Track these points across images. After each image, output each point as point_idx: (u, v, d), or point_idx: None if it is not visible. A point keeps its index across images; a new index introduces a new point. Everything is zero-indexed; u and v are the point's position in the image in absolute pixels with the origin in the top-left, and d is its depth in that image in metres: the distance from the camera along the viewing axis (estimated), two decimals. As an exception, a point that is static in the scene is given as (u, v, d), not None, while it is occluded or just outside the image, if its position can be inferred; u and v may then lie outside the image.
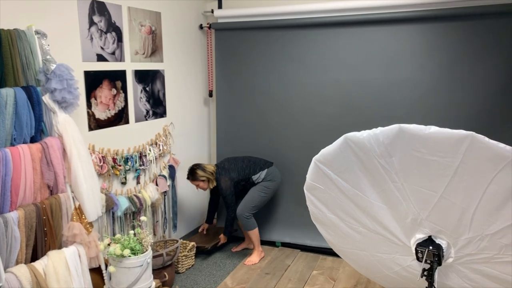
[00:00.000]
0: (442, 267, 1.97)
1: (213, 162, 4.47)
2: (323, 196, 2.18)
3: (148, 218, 3.49)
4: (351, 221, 2.16)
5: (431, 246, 1.92)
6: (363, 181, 1.98)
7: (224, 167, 3.71)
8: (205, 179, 3.66)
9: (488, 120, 3.34)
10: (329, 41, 3.76)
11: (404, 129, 1.69)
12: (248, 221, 3.70)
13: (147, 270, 2.67)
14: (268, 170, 3.76)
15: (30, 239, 2.31)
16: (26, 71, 2.39)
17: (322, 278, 3.43)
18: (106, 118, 3.12)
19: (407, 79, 3.54)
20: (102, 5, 3.03)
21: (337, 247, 2.47)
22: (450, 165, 1.65)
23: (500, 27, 3.23)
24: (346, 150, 1.92)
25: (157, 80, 3.64)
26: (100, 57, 3.04)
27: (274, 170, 3.82)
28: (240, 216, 3.69)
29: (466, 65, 3.37)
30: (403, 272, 2.20)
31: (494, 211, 1.66)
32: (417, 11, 3.43)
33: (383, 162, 1.82)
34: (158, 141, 3.65)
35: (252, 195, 3.71)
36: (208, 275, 3.55)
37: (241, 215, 3.68)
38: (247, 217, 3.70)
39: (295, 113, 3.95)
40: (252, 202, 3.70)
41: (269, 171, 3.77)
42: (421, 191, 1.80)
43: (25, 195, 2.29)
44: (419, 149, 1.69)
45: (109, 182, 3.14)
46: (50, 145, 2.42)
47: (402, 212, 1.94)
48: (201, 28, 4.23)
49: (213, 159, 4.45)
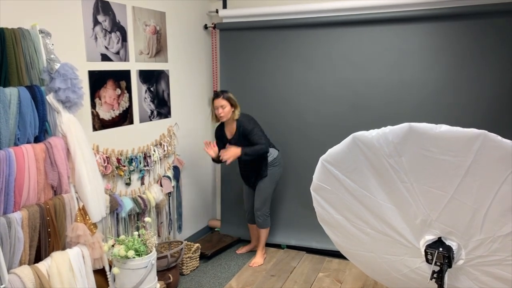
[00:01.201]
0: (452, 269, 1.93)
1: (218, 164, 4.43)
2: (330, 197, 2.14)
3: (153, 219, 3.46)
4: (358, 222, 2.13)
5: (441, 247, 1.88)
6: (372, 182, 1.94)
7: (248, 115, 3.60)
8: (233, 103, 3.46)
9: (496, 120, 3.29)
10: (335, 41, 3.73)
11: (414, 128, 1.66)
12: (267, 218, 3.73)
13: (151, 271, 2.64)
14: (279, 153, 3.70)
15: (34, 240, 2.28)
16: (30, 70, 2.37)
17: (328, 280, 3.39)
18: (110, 118, 3.09)
19: (414, 79, 3.50)
20: (107, 5, 3.01)
21: (344, 249, 2.43)
22: (461, 165, 1.61)
23: (508, 26, 3.19)
24: (354, 149, 1.88)
25: (161, 80, 3.62)
26: (105, 57, 3.02)
27: (280, 155, 3.73)
28: (262, 213, 3.68)
29: (474, 64, 3.33)
30: (412, 274, 2.16)
31: (507, 212, 1.62)
32: (424, 9, 3.39)
33: (392, 161, 1.78)
34: (163, 142, 3.62)
35: (265, 188, 3.65)
36: (213, 277, 3.51)
37: (262, 211, 3.67)
38: (266, 214, 3.72)
39: (301, 113, 3.91)
40: (269, 196, 3.70)
41: (279, 154, 3.70)
42: (431, 192, 1.76)
43: (29, 195, 2.27)
44: (430, 148, 1.65)
45: (113, 182, 3.12)
46: (54, 145, 2.40)
47: (411, 213, 1.90)
48: (205, 28, 4.20)
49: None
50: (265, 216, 3.69)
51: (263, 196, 3.66)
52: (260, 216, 3.69)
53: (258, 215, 3.69)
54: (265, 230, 3.75)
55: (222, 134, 3.64)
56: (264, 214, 3.69)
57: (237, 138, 3.52)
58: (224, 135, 3.62)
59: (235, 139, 3.53)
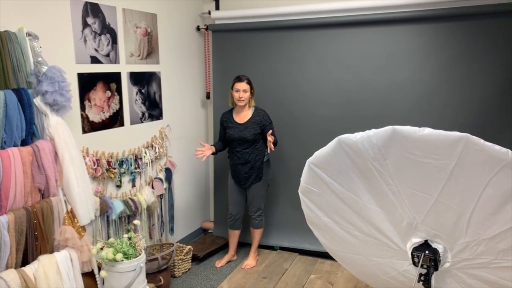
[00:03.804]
0: (439, 272, 1.93)
1: (210, 165, 4.44)
2: (318, 199, 2.14)
3: (144, 222, 3.45)
4: (346, 225, 2.12)
5: (427, 250, 1.87)
6: (358, 184, 1.93)
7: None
8: (253, 91, 3.55)
9: (487, 121, 3.29)
10: (326, 42, 3.72)
11: (397, 131, 1.65)
12: (263, 218, 3.75)
13: (140, 274, 2.63)
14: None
15: (21, 244, 2.27)
16: (17, 73, 2.36)
17: (320, 282, 3.38)
18: (100, 121, 3.08)
19: (405, 80, 3.50)
20: (96, 7, 3.00)
21: (333, 251, 2.42)
22: (445, 168, 1.61)
23: (498, 27, 3.19)
24: (339, 152, 1.88)
25: (153, 82, 3.61)
26: (94, 59, 3.01)
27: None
28: (260, 213, 3.69)
29: (465, 65, 3.32)
30: (400, 277, 2.16)
31: (491, 215, 1.62)
32: (415, 11, 3.39)
33: (377, 164, 1.78)
34: (154, 144, 3.61)
35: (259, 189, 3.65)
36: (205, 279, 3.50)
37: (260, 211, 3.69)
38: (263, 214, 3.74)
39: (293, 115, 3.91)
40: (264, 196, 3.71)
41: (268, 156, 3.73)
42: (416, 194, 1.76)
43: (16, 199, 2.26)
44: (413, 152, 1.65)
45: (104, 185, 3.11)
46: (41, 148, 2.39)
47: (398, 216, 1.90)
48: (198, 30, 4.20)
49: (211, 162, 4.41)
50: (262, 216, 3.72)
51: (260, 196, 3.67)
52: (258, 217, 3.69)
53: (256, 216, 3.69)
54: (261, 230, 3.75)
55: (230, 119, 3.63)
56: (261, 214, 3.72)
57: (249, 125, 3.54)
58: (233, 120, 3.61)
59: (245, 125, 3.55)
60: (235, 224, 3.77)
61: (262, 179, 3.63)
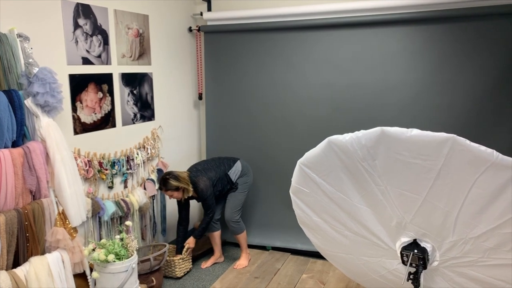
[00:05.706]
0: (428, 271, 1.96)
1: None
2: (309, 199, 2.16)
3: (136, 223, 3.45)
4: (336, 224, 2.15)
5: (416, 249, 1.90)
6: (347, 185, 1.96)
7: (198, 169, 3.54)
8: (179, 188, 3.35)
9: (478, 121, 3.33)
10: (318, 44, 3.75)
11: (386, 132, 1.68)
12: (238, 224, 3.69)
13: (132, 275, 2.64)
14: (241, 161, 3.72)
15: (12, 245, 2.27)
16: (7, 74, 2.35)
17: (312, 281, 3.40)
18: (92, 122, 3.08)
19: (397, 81, 3.53)
20: (87, 8, 3.00)
21: (324, 251, 2.45)
22: (432, 168, 1.64)
23: (489, 29, 3.23)
24: (329, 153, 1.90)
25: (145, 83, 3.61)
26: (86, 60, 3.01)
27: (244, 162, 3.76)
28: (230, 221, 3.65)
29: (456, 66, 3.36)
30: (390, 275, 2.18)
31: (477, 214, 1.65)
32: (406, 13, 3.42)
33: (366, 165, 1.80)
34: (146, 145, 3.61)
35: (236, 197, 3.67)
36: (197, 279, 3.51)
37: (230, 220, 3.64)
38: (238, 221, 3.68)
39: (285, 115, 3.93)
40: (238, 204, 3.67)
41: (242, 163, 3.73)
42: (404, 194, 1.79)
43: (6, 200, 2.25)
44: (401, 152, 1.67)
45: (96, 186, 3.11)
46: (32, 149, 2.38)
47: (387, 216, 1.92)
48: (190, 31, 4.20)
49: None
50: (237, 223, 3.67)
51: (235, 205, 3.66)
52: (233, 224, 3.66)
53: (230, 224, 3.66)
54: (242, 234, 3.72)
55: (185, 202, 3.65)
56: (236, 222, 3.66)
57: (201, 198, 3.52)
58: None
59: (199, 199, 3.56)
60: (211, 228, 3.74)
61: (238, 188, 3.67)
